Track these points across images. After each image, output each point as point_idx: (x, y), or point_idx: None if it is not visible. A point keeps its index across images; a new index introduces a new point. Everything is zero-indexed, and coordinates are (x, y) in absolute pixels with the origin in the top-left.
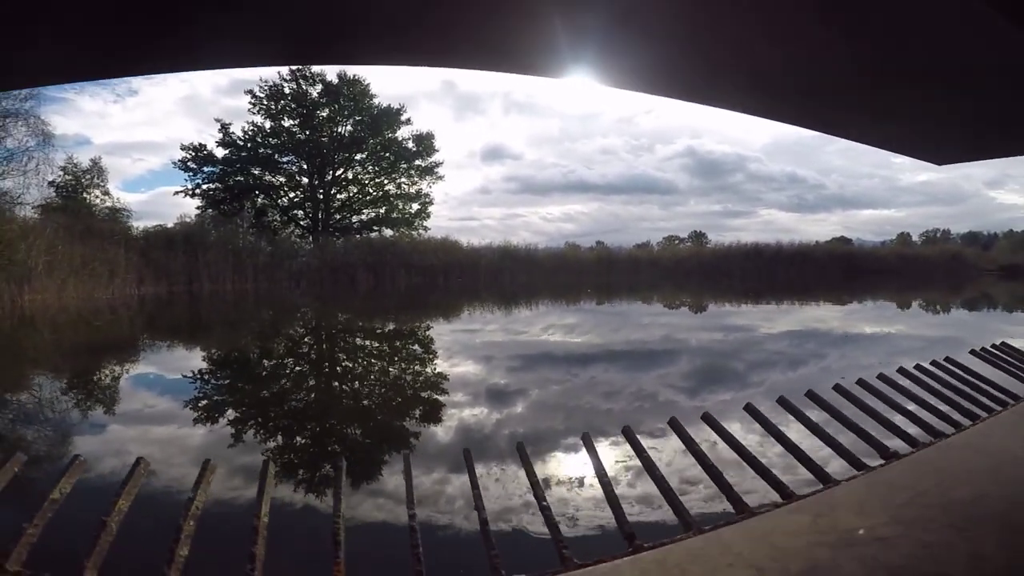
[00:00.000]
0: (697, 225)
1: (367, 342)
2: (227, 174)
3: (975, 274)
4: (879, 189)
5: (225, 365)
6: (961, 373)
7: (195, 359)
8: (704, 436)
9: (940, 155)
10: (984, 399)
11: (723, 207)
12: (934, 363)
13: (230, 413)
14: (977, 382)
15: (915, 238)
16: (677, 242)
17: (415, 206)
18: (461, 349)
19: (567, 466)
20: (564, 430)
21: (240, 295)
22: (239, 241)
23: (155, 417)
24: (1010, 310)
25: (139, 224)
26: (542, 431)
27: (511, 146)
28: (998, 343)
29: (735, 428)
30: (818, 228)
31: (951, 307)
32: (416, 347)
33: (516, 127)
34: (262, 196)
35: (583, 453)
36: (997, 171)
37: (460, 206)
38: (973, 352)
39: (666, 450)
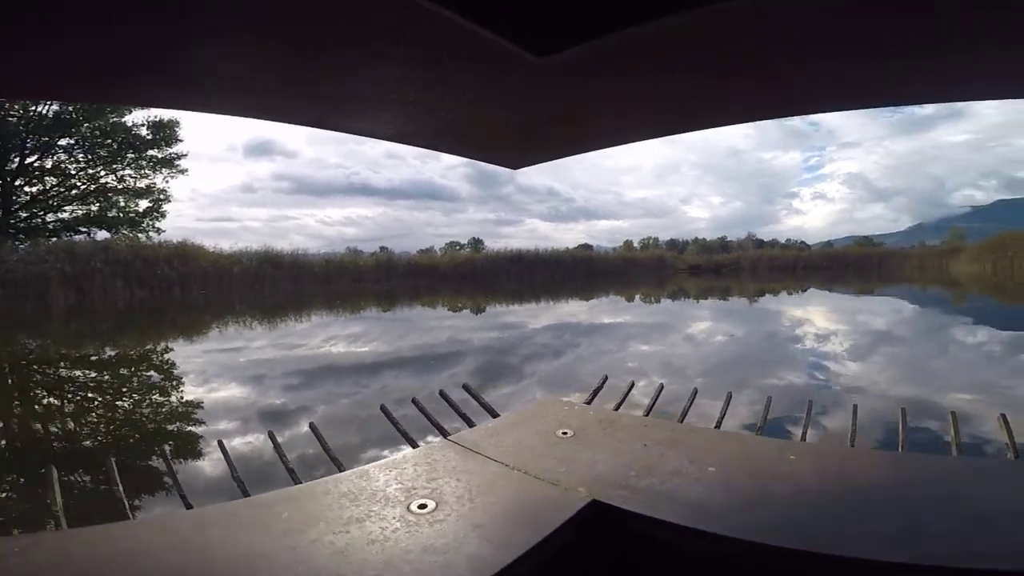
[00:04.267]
0: (476, 232)
1: (78, 372)
2: None
3: (673, 272)
4: (612, 203)
5: None
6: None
7: None
8: None
9: (507, 161)
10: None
11: (497, 216)
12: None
13: None
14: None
15: (636, 244)
16: (458, 248)
17: (143, 203)
18: (220, 371)
19: None
20: (359, 444)
21: None
22: None
23: None
24: (697, 299)
25: None
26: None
27: (284, 142)
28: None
29: None
30: (569, 236)
31: (661, 298)
32: (153, 374)
33: None
34: None
35: None
36: (687, 190)
37: (214, 205)
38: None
39: None
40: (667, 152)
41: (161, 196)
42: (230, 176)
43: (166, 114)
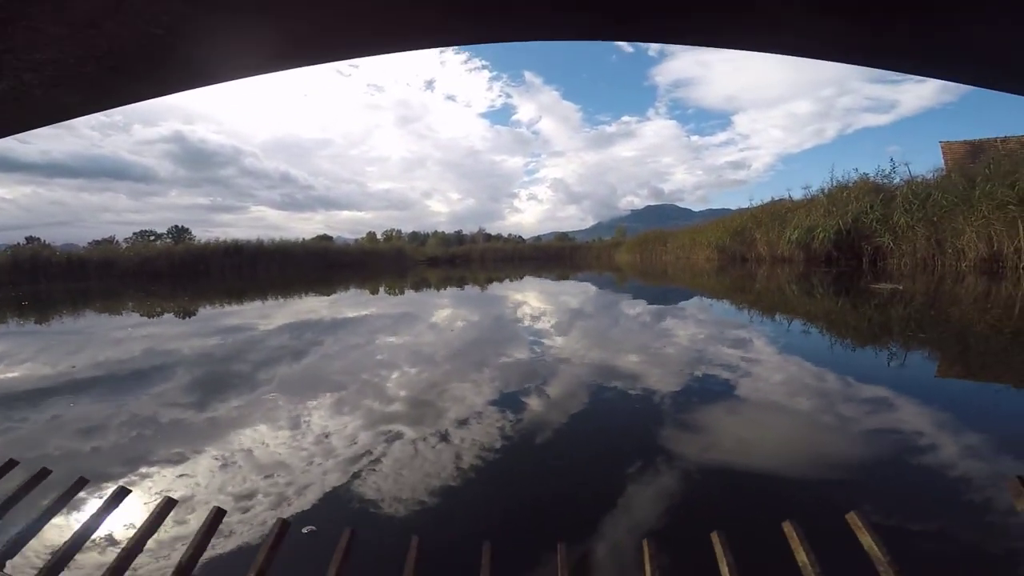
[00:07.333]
0: (180, 219)
1: None
2: None
3: (413, 264)
4: (356, 194)
5: None
6: None
7: None
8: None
9: None
10: None
11: (211, 201)
12: None
13: None
14: None
15: (379, 236)
16: (153, 238)
17: None
18: None
19: None
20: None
21: None
22: None
23: None
24: (438, 289)
25: None
26: None
27: None
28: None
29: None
30: (306, 226)
31: (405, 289)
32: None
33: None
34: None
35: None
36: (430, 185)
37: None
38: None
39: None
40: (414, 147)
41: None
42: None
43: None
